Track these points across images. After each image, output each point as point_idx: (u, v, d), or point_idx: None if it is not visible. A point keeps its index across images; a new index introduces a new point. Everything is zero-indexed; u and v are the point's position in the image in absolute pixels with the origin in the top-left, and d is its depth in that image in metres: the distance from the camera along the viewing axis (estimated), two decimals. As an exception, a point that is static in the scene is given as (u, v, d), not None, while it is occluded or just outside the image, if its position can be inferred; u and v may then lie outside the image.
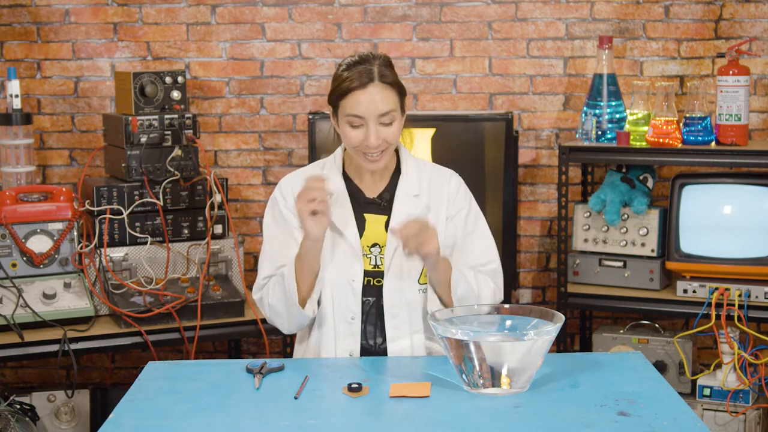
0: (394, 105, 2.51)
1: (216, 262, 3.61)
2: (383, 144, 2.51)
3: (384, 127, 2.50)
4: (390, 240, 2.56)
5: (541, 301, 4.17)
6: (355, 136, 2.50)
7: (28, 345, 3.25)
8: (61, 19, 4.00)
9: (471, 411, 2.14)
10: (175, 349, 3.93)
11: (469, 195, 2.66)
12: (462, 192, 2.65)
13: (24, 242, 3.41)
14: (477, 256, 2.61)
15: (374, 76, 2.49)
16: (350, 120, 2.50)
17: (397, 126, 2.53)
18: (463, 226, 2.62)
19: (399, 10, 4.02)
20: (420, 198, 2.60)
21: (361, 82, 2.49)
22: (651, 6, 3.98)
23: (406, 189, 2.61)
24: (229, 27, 4.03)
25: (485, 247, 2.64)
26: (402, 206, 2.59)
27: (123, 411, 2.19)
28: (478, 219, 2.65)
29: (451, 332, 2.23)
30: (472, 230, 2.63)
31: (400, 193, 2.60)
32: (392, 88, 2.52)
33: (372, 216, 2.60)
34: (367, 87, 2.49)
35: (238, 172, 4.10)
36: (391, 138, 2.52)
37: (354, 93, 2.49)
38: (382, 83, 2.50)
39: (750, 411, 3.53)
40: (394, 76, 2.54)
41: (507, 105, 4.06)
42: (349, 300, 2.56)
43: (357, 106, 2.48)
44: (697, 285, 3.59)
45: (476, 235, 2.63)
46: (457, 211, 2.62)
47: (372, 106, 2.48)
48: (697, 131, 3.60)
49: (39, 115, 4.03)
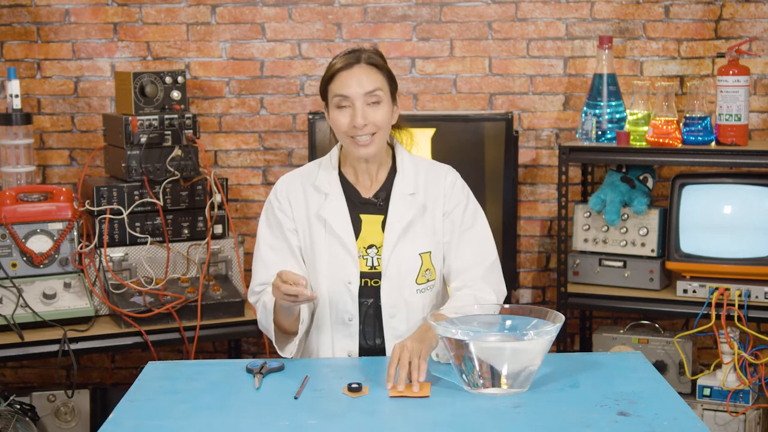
0: (381, 85, 2.51)
1: (216, 262, 3.61)
2: (371, 126, 2.50)
3: (370, 107, 2.50)
4: (387, 240, 2.55)
5: (541, 301, 4.17)
6: (343, 118, 2.51)
7: (28, 345, 3.26)
8: (61, 19, 4.00)
9: (471, 411, 2.14)
10: (175, 349, 3.93)
11: (466, 189, 2.64)
12: (458, 186, 2.63)
13: (24, 242, 3.41)
14: (474, 253, 2.59)
15: (360, 59, 2.52)
16: (337, 101, 2.51)
17: (385, 109, 2.52)
18: (461, 221, 2.60)
19: (399, 10, 4.02)
20: (416, 197, 2.59)
21: (346, 63, 2.52)
22: (651, 6, 3.98)
23: (402, 188, 2.59)
24: (229, 27, 4.03)
25: (483, 243, 2.61)
26: (398, 206, 2.58)
27: (123, 411, 2.19)
28: (477, 214, 2.63)
29: (451, 332, 2.23)
30: (469, 225, 2.61)
31: (396, 192, 2.59)
32: (378, 70, 2.52)
33: (368, 216, 2.59)
34: (353, 67, 2.51)
35: (238, 172, 4.10)
36: (379, 120, 2.50)
37: (339, 74, 2.51)
38: (368, 64, 2.52)
39: (750, 411, 3.53)
40: (383, 63, 2.55)
41: (507, 105, 4.06)
42: (346, 302, 2.56)
43: (342, 86, 2.50)
44: (697, 285, 3.59)
45: (474, 230, 2.61)
46: (454, 206, 2.61)
47: (357, 85, 2.49)
48: (697, 131, 3.60)
49: (39, 115, 4.03)
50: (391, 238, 2.54)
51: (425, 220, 2.59)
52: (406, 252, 2.55)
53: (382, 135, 2.54)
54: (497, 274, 2.63)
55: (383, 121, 2.52)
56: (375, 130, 2.51)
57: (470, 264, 2.59)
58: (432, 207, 2.60)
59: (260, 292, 2.60)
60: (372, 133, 2.51)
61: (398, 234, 2.55)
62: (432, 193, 2.61)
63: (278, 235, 2.60)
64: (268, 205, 2.65)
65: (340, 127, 2.52)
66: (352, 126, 2.50)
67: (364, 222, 2.59)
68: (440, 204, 2.60)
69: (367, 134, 2.50)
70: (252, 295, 2.63)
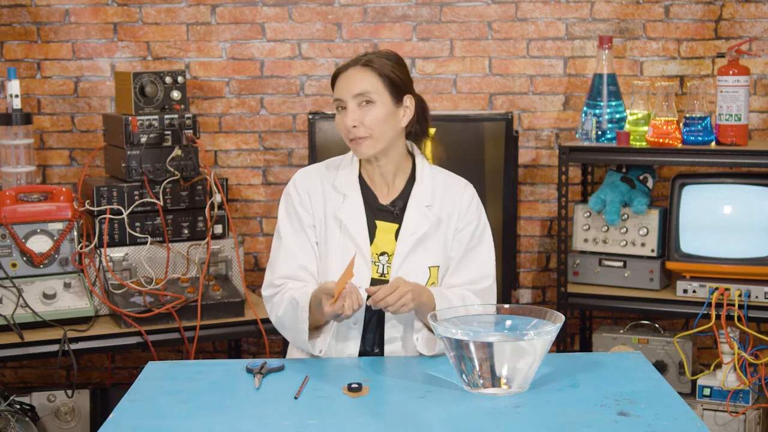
0: (372, 87, 2.50)
1: (216, 262, 3.61)
2: (363, 128, 2.49)
3: (362, 108, 2.50)
4: (399, 250, 2.54)
5: (541, 301, 4.17)
6: (340, 120, 2.53)
7: (28, 345, 3.25)
8: (61, 19, 4.00)
9: (471, 411, 2.14)
10: (175, 349, 3.93)
11: (480, 209, 2.64)
12: (474, 205, 2.62)
13: (24, 242, 3.41)
14: (472, 273, 2.59)
15: (359, 61, 2.53)
16: (336, 104, 2.54)
17: (379, 110, 2.50)
18: (468, 240, 2.60)
19: (399, 10, 4.02)
20: (432, 209, 2.58)
21: (344, 66, 2.55)
22: (651, 6, 3.98)
23: (419, 198, 2.58)
24: (229, 27, 4.03)
25: (483, 264, 2.61)
26: (413, 217, 2.57)
27: (123, 411, 2.19)
28: (484, 235, 2.63)
29: (451, 332, 2.23)
30: (475, 245, 2.61)
31: (413, 203, 2.58)
32: (374, 73, 2.51)
33: (383, 224, 2.58)
34: (348, 70, 2.54)
35: (238, 172, 4.10)
36: (369, 121, 2.49)
37: (338, 77, 2.55)
38: (363, 66, 2.52)
39: (750, 411, 3.53)
40: (385, 64, 2.53)
41: (507, 105, 4.06)
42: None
43: (337, 90, 2.54)
44: (697, 285, 3.59)
45: (477, 250, 2.61)
46: (466, 225, 2.60)
47: (347, 87, 2.51)
48: (697, 131, 3.60)
49: (39, 115, 4.03)
50: (403, 248, 2.54)
51: (438, 234, 2.58)
52: (416, 264, 2.55)
53: (380, 135, 2.52)
54: (491, 294, 2.62)
55: (375, 122, 2.50)
56: (368, 132, 2.50)
57: (466, 282, 2.59)
58: (446, 221, 2.59)
59: (280, 286, 2.57)
60: (366, 135, 2.51)
61: (411, 245, 2.54)
62: (447, 208, 2.60)
63: (299, 230, 2.59)
64: (288, 198, 2.63)
65: (340, 129, 2.55)
66: (346, 128, 2.51)
67: (379, 229, 2.58)
68: (455, 219, 2.60)
69: (362, 135, 2.50)
70: (269, 287, 2.59)
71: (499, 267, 3.70)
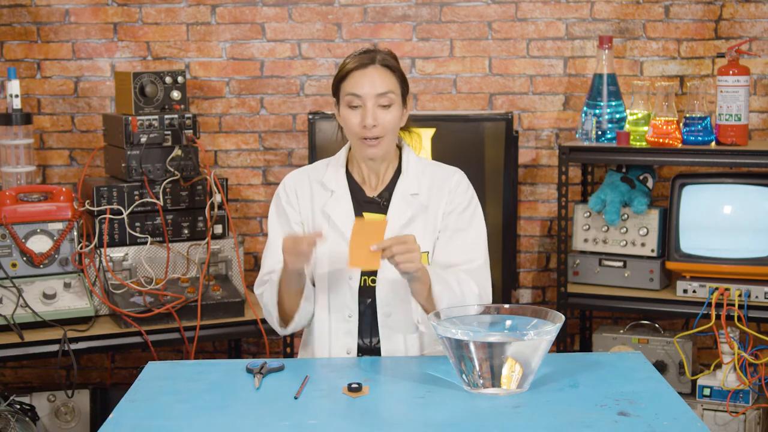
0: (393, 87, 2.53)
1: (216, 262, 3.61)
2: (380, 128, 2.51)
3: (381, 109, 2.51)
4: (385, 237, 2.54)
5: (541, 301, 4.17)
6: (354, 118, 2.52)
7: (28, 345, 3.26)
8: (61, 19, 4.00)
9: (471, 411, 2.14)
10: (175, 349, 3.93)
11: (470, 192, 2.64)
12: (462, 187, 2.63)
13: (24, 242, 3.41)
14: (461, 253, 2.58)
15: (375, 60, 2.54)
16: (349, 100, 2.53)
17: (396, 112, 2.53)
18: (456, 221, 2.59)
19: (399, 10, 4.02)
20: (418, 197, 2.59)
21: (361, 64, 2.54)
22: (651, 6, 3.98)
23: (405, 188, 2.60)
24: (229, 27, 4.03)
25: (473, 244, 2.60)
26: (399, 205, 2.59)
27: (123, 411, 2.19)
28: (474, 217, 2.63)
29: (451, 332, 2.23)
30: (465, 226, 2.60)
31: (398, 193, 2.60)
32: (392, 73, 2.54)
33: (370, 215, 2.60)
34: (367, 68, 2.53)
35: (238, 172, 4.10)
36: (389, 123, 2.52)
37: (353, 73, 2.53)
38: (382, 66, 2.54)
39: (750, 411, 3.53)
40: (397, 65, 2.57)
41: (507, 105, 4.06)
42: (346, 298, 2.57)
43: (355, 85, 2.52)
44: (697, 285, 3.59)
45: (467, 232, 2.60)
46: (455, 207, 2.60)
47: (370, 86, 2.51)
48: (697, 131, 3.60)
49: (39, 115, 4.03)
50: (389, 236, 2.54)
51: (426, 220, 2.59)
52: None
53: (391, 137, 2.56)
54: (483, 275, 2.60)
55: (392, 123, 2.54)
56: (384, 132, 2.52)
57: (455, 263, 2.57)
58: (435, 207, 2.60)
59: (267, 282, 2.60)
60: (381, 135, 2.52)
61: (396, 233, 2.54)
62: (436, 194, 2.61)
63: (286, 228, 2.62)
64: (276, 199, 2.68)
65: (351, 126, 2.54)
66: (362, 126, 2.51)
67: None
68: (443, 203, 2.61)
69: (376, 135, 2.51)
70: (259, 285, 2.62)
71: (499, 267, 3.72)
